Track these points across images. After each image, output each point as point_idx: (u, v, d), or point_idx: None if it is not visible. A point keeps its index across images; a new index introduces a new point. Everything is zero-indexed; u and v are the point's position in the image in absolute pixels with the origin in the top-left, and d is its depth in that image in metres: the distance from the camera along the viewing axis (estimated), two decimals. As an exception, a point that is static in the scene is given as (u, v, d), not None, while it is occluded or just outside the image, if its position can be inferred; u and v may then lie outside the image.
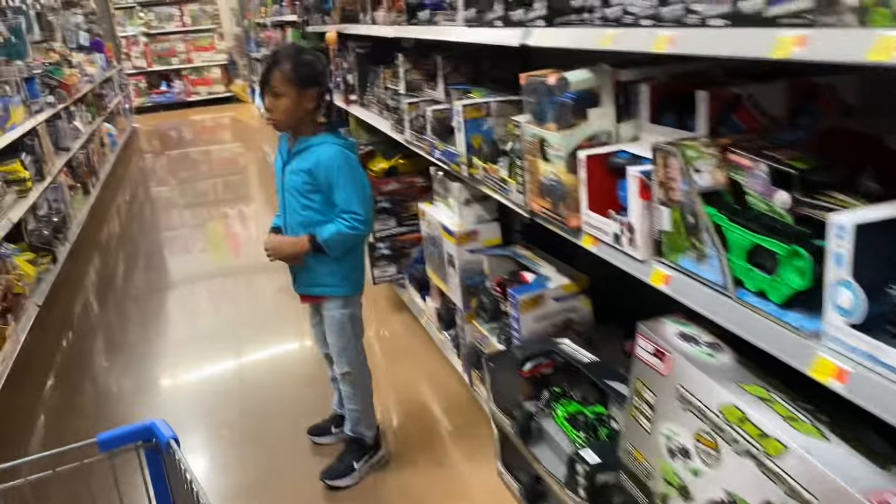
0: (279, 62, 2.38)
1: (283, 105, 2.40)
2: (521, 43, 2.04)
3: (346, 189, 2.44)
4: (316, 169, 2.44)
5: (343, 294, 2.63)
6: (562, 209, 1.90)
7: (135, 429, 1.36)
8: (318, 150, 2.46)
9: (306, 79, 2.40)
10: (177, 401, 3.68)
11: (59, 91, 6.47)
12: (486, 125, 2.53)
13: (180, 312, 4.89)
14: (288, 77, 2.38)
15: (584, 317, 2.50)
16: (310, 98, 2.43)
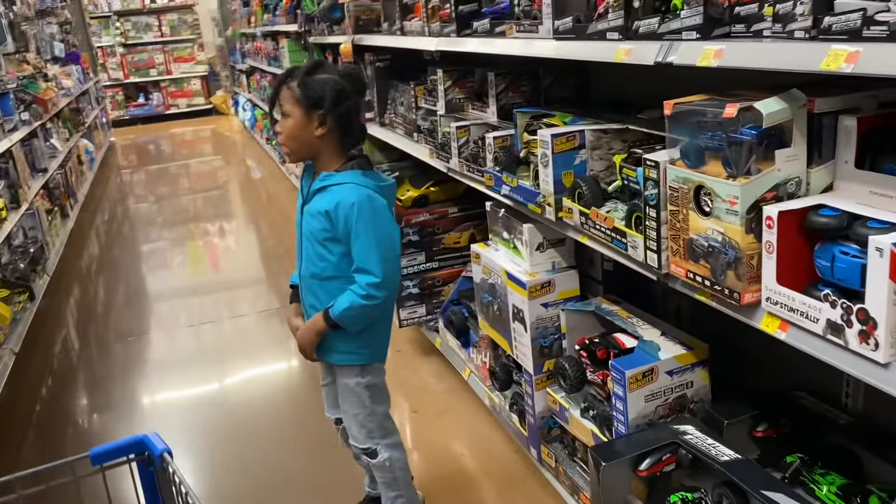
0: (290, 78, 2.08)
1: (288, 127, 2.07)
2: (657, 61, 1.59)
3: (365, 242, 2.02)
4: (335, 213, 2.03)
5: (360, 363, 2.21)
6: (729, 279, 1.44)
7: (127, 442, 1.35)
8: (340, 190, 2.05)
9: (312, 99, 2.04)
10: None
11: (35, 107, 5.91)
12: (579, 159, 2.08)
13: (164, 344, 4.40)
14: (294, 95, 2.05)
15: (702, 393, 2.05)
16: (317, 122, 2.05)
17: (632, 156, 1.89)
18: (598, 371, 2.18)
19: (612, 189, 1.97)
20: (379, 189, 2.08)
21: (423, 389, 3.53)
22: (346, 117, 2.07)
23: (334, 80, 2.05)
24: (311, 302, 2.18)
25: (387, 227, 2.07)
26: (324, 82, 2.04)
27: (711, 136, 1.44)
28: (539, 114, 2.40)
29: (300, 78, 2.04)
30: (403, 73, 3.89)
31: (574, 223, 2.04)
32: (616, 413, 2.02)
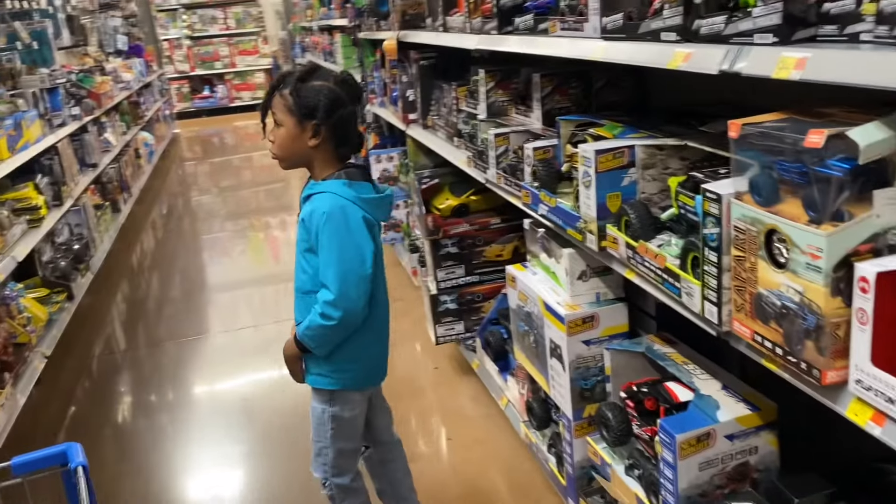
0: (281, 85, 1.97)
1: (280, 136, 1.98)
2: (721, 69, 1.28)
3: (327, 255, 1.91)
4: (309, 222, 1.95)
5: (328, 389, 2.08)
6: (808, 351, 1.13)
7: (50, 453, 1.37)
8: (318, 198, 1.96)
9: (306, 109, 1.94)
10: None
11: (87, 101, 5.88)
12: (628, 180, 1.77)
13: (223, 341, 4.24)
14: (287, 104, 1.95)
15: (769, 462, 1.73)
16: (310, 132, 1.95)
17: (691, 180, 1.58)
18: (646, 426, 1.87)
19: (666, 218, 1.66)
20: (360, 201, 1.95)
21: (459, 413, 3.27)
22: (340, 127, 1.96)
23: (328, 88, 1.93)
24: (296, 317, 2.09)
25: (355, 242, 1.92)
26: (317, 90, 1.93)
27: (789, 167, 1.13)
28: (585, 122, 2.10)
29: (292, 85, 1.93)
30: (449, 73, 3.62)
31: (619, 255, 1.73)
32: (664, 481, 1.71)
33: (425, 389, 3.53)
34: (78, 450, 1.35)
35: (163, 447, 3.29)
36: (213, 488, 2.97)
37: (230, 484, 2.96)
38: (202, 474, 3.08)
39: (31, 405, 3.56)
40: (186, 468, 3.13)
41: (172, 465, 3.15)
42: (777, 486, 1.68)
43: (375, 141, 5.44)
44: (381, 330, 2.13)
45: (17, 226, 3.93)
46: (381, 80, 4.73)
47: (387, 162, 4.93)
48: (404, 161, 4.56)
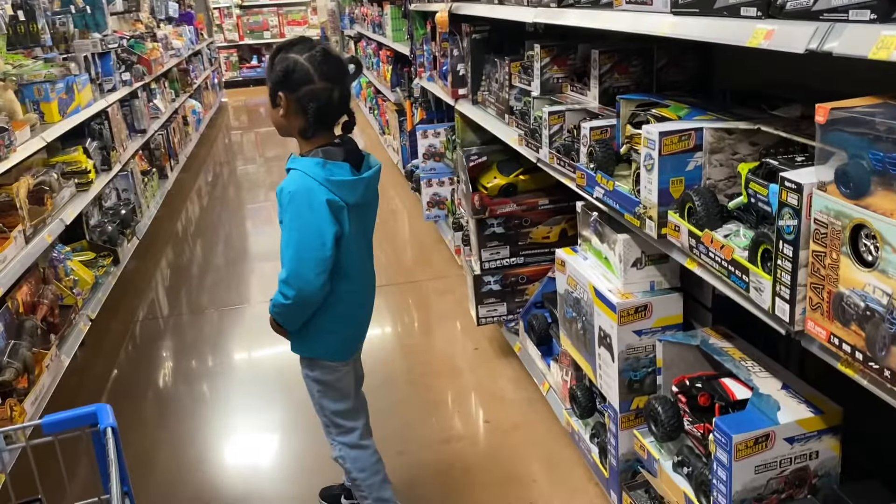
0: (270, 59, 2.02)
1: (270, 109, 2.04)
2: (808, 48, 1.18)
3: (287, 234, 1.95)
4: (279, 199, 1.98)
5: (306, 356, 2.17)
6: (893, 358, 1.04)
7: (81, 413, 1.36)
8: (289, 176, 1.99)
9: (275, 79, 1.97)
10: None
11: (138, 67, 5.91)
12: (694, 164, 1.67)
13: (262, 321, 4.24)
14: (269, 77, 2.00)
15: (830, 467, 1.64)
16: (282, 104, 1.97)
17: (764, 167, 1.48)
18: (699, 422, 1.79)
19: (734, 206, 1.56)
20: (329, 182, 1.92)
21: (498, 397, 3.22)
22: (309, 102, 1.93)
23: (294, 61, 1.93)
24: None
25: (315, 224, 1.91)
26: (285, 61, 1.95)
27: (883, 156, 1.03)
28: (648, 102, 2.00)
29: (272, 58, 1.98)
30: (502, 47, 3.52)
31: (681, 244, 1.64)
32: (717, 482, 1.64)
33: (463, 370, 3.48)
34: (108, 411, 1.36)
35: (202, 415, 3.31)
36: (249, 458, 2.97)
37: (265, 454, 2.96)
38: (238, 444, 3.09)
39: (76, 367, 3.61)
40: (223, 437, 3.15)
41: (209, 433, 3.16)
42: (837, 494, 1.59)
43: (422, 115, 5.37)
44: (355, 307, 2.15)
45: (66, 189, 3.97)
46: (430, 53, 4.64)
47: (433, 137, 4.86)
48: (451, 137, 4.49)
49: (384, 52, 7.20)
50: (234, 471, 2.92)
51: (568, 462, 2.68)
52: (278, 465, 2.90)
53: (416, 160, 5.19)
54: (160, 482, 2.82)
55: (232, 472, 2.92)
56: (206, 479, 2.82)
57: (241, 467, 2.94)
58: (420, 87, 5.25)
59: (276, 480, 2.80)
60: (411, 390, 3.32)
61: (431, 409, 3.14)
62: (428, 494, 2.52)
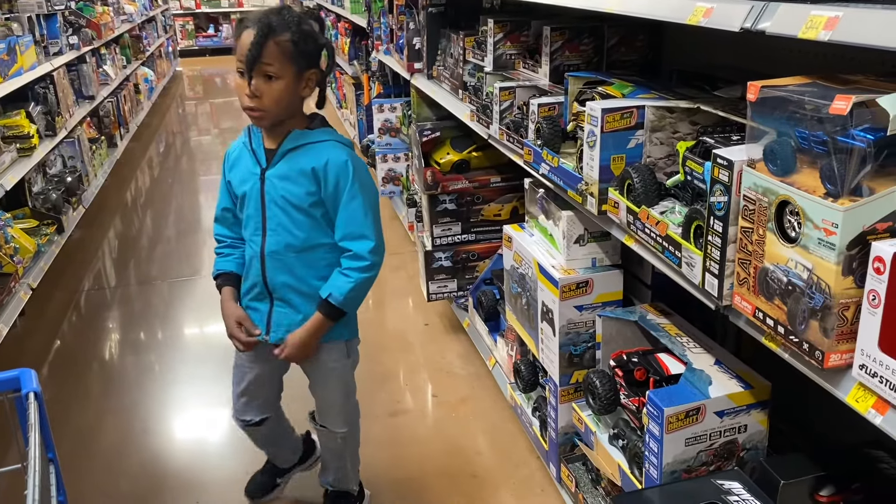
0: (275, 31, 1.72)
1: (276, 90, 1.76)
2: (744, 27, 1.19)
3: (360, 207, 1.84)
4: (323, 172, 1.82)
5: (347, 339, 2.06)
6: (811, 331, 1.07)
7: (2, 378, 1.35)
8: (324, 148, 1.85)
9: (310, 56, 1.79)
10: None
11: (86, 31, 5.73)
12: (635, 142, 1.69)
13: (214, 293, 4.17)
14: (288, 52, 1.74)
15: (757, 441, 1.69)
16: (310, 82, 1.83)
17: (701, 145, 1.50)
18: (634, 396, 1.83)
19: (672, 184, 1.59)
20: (352, 147, 1.91)
21: (447, 371, 3.24)
22: (327, 75, 1.87)
23: (322, 35, 1.83)
24: (285, 281, 1.93)
25: (375, 189, 1.91)
26: (316, 35, 1.80)
27: (809, 135, 1.05)
28: (595, 80, 2.01)
29: (293, 30, 1.73)
30: (458, 22, 3.50)
31: (619, 220, 1.66)
32: (649, 453, 1.68)
33: (414, 345, 3.49)
34: (31, 375, 1.33)
35: (149, 386, 3.26)
36: (197, 430, 2.95)
37: (211, 427, 2.94)
38: (186, 415, 3.06)
39: (16, 336, 3.53)
40: (171, 408, 3.11)
41: (157, 404, 3.12)
42: (764, 467, 1.63)
43: (379, 90, 5.32)
44: None
45: (7, 153, 3.85)
46: (387, 26, 4.59)
47: (389, 112, 4.82)
48: (407, 112, 4.46)
49: (342, 25, 7.09)
50: (179, 443, 2.89)
51: (511, 435, 2.72)
52: (224, 438, 2.87)
53: (372, 135, 5.15)
54: (104, 452, 2.78)
55: (177, 444, 2.89)
56: (151, 450, 2.79)
57: (187, 440, 2.91)
58: (378, 61, 5.19)
59: (222, 454, 2.78)
60: (361, 364, 3.27)
61: (381, 382, 3.15)
62: (374, 466, 2.53)
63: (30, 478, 1.08)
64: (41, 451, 1.17)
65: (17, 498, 1.19)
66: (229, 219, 2.03)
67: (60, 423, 2.91)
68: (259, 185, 1.88)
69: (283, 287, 1.93)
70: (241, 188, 1.93)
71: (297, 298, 1.94)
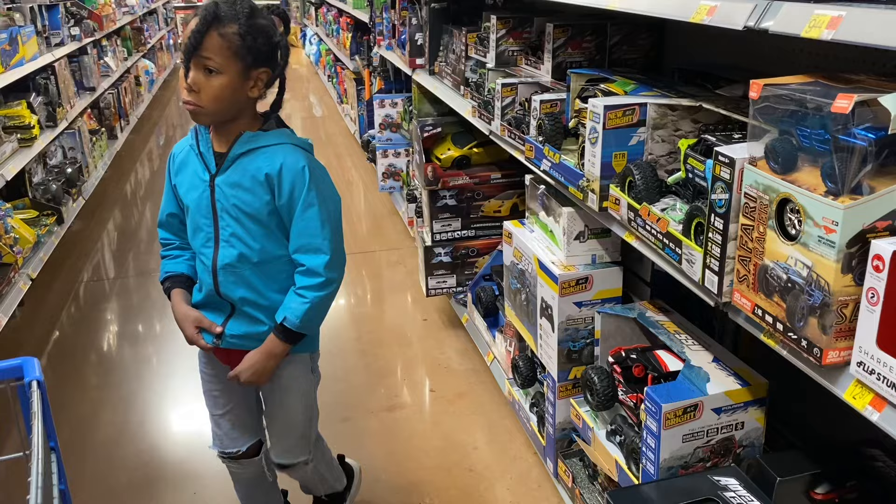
0: (220, 21, 1.56)
1: (216, 86, 1.59)
2: (747, 25, 1.20)
3: (317, 217, 1.68)
4: (278, 178, 1.67)
5: (312, 351, 1.92)
6: (810, 328, 1.08)
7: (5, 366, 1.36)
8: (278, 151, 1.69)
9: (259, 53, 1.62)
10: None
11: (88, 22, 5.72)
12: (636, 139, 1.70)
13: None
14: (233, 46, 1.57)
15: (754, 438, 1.70)
16: (258, 81, 1.66)
17: (702, 143, 1.51)
18: (633, 392, 1.84)
19: (673, 181, 1.60)
20: (309, 150, 1.76)
21: (445, 366, 3.24)
22: (281, 73, 1.71)
23: (274, 31, 1.64)
24: (243, 295, 1.77)
25: (335, 197, 1.74)
26: (269, 31, 1.62)
27: (810, 133, 1.06)
28: (598, 77, 2.02)
29: (241, 23, 1.56)
30: (461, 18, 3.50)
31: (620, 217, 1.67)
32: (646, 449, 1.69)
33: (412, 340, 3.50)
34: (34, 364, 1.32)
35: (146, 377, 3.27)
36: (194, 422, 2.95)
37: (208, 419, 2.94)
38: (183, 408, 3.06)
39: (15, 326, 3.54)
40: (168, 400, 3.12)
41: (155, 396, 3.13)
42: (760, 464, 1.65)
43: (381, 85, 5.32)
44: None
45: (8, 143, 3.84)
46: (390, 21, 4.59)
47: (390, 107, 4.82)
48: (408, 108, 4.46)
49: (344, 20, 7.09)
50: (176, 435, 2.90)
51: (508, 431, 2.73)
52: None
53: (373, 130, 5.15)
54: (102, 442, 2.79)
55: (174, 435, 2.90)
56: (149, 441, 2.80)
57: (183, 431, 2.92)
58: (379, 56, 5.19)
59: (218, 444, 2.78)
60: (360, 359, 3.33)
61: (379, 377, 3.16)
62: (371, 460, 2.54)
63: (33, 465, 1.08)
64: (43, 439, 1.17)
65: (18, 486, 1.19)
66: (175, 224, 1.87)
67: (58, 413, 2.90)
68: (209, 192, 1.71)
69: (242, 301, 1.77)
70: (188, 196, 1.75)
71: (258, 312, 1.78)
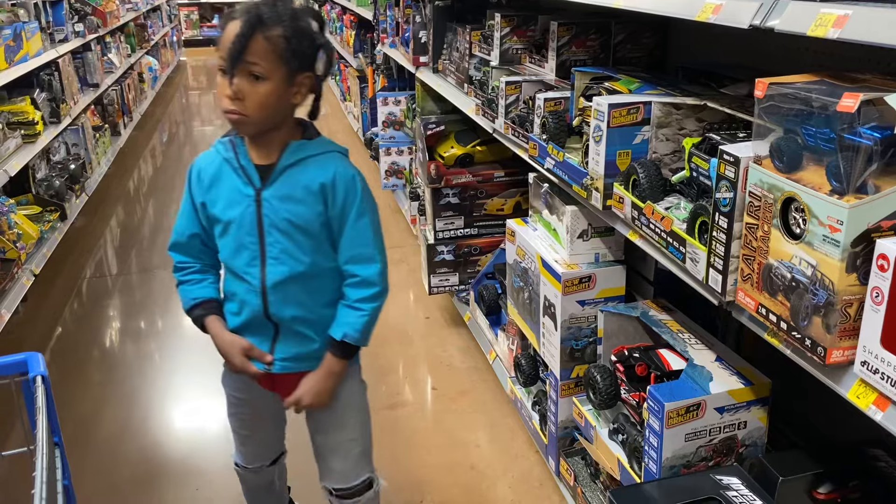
0: (264, 24, 1.46)
1: (262, 93, 1.49)
2: (752, 24, 1.20)
3: (369, 226, 1.63)
4: (332, 188, 1.59)
5: (358, 362, 1.85)
6: (814, 327, 1.08)
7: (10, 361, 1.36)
8: (328, 160, 1.61)
9: (304, 57, 1.53)
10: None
11: (92, 18, 5.73)
12: (641, 138, 1.70)
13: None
14: (278, 50, 1.47)
15: (756, 437, 1.70)
16: (302, 86, 1.56)
17: (707, 141, 1.51)
18: (635, 391, 1.84)
19: (677, 180, 1.59)
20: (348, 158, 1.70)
21: (447, 364, 3.25)
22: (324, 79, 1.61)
23: (319, 34, 1.55)
24: (294, 314, 1.68)
25: (376, 205, 1.69)
26: (311, 34, 1.53)
27: (816, 132, 1.06)
28: (602, 76, 2.01)
29: (285, 25, 1.47)
30: (465, 16, 3.50)
31: (624, 216, 1.67)
32: (648, 448, 1.69)
33: (414, 338, 3.50)
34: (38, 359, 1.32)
35: (149, 374, 3.27)
36: (196, 418, 2.96)
37: (211, 416, 2.95)
38: (186, 404, 3.07)
39: (18, 322, 3.54)
40: (171, 397, 3.12)
41: (157, 392, 3.13)
42: (763, 463, 1.65)
43: (384, 83, 5.32)
44: None
45: (11, 140, 3.85)
46: (393, 19, 4.59)
47: (393, 105, 4.82)
48: (412, 105, 4.46)
49: (348, 17, 7.09)
50: (179, 431, 2.91)
51: (510, 429, 2.73)
52: (223, 427, 2.88)
53: (376, 128, 5.15)
54: (105, 438, 2.79)
55: (177, 431, 2.90)
56: (151, 437, 2.81)
57: (186, 428, 2.92)
58: (383, 54, 5.19)
59: (221, 442, 2.78)
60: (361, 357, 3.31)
61: (380, 375, 3.16)
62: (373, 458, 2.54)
63: (38, 460, 1.09)
64: (48, 434, 1.17)
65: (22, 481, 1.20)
66: (197, 246, 1.74)
67: (62, 410, 2.88)
68: (254, 208, 1.60)
69: (292, 320, 1.68)
70: (227, 213, 1.64)
71: (308, 329, 1.70)
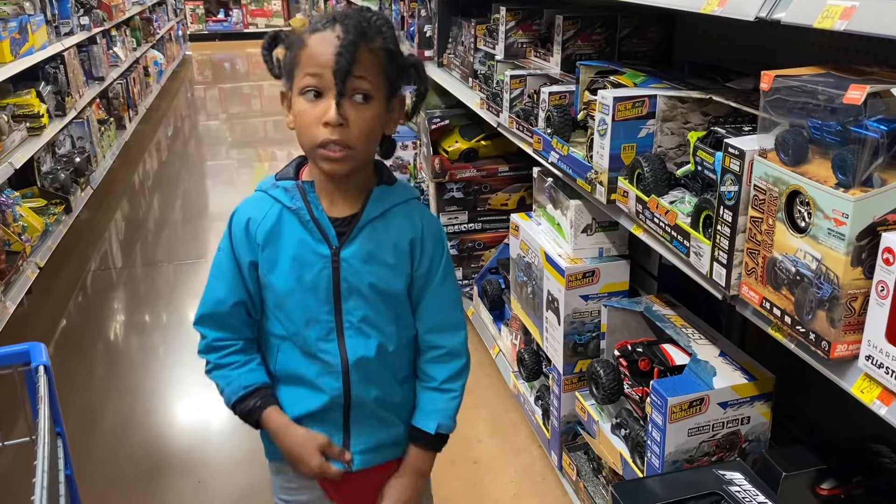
0: (366, 34, 1.18)
1: (368, 118, 1.20)
2: (759, 16, 1.19)
3: (454, 285, 1.39)
4: (420, 246, 1.32)
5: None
6: (818, 321, 1.07)
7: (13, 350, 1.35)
8: (413, 210, 1.34)
9: (402, 75, 1.26)
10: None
11: (97, 12, 5.73)
12: (645, 131, 1.69)
13: None
14: (382, 64, 1.21)
15: (760, 433, 1.69)
16: (397, 112, 1.29)
17: (712, 135, 1.50)
18: (638, 386, 1.83)
19: (682, 174, 1.59)
20: None
21: (450, 360, 3.24)
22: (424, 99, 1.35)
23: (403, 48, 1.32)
24: (377, 394, 1.38)
25: None
26: (400, 49, 1.27)
27: (821, 125, 1.05)
28: (607, 69, 2.01)
29: (385, 35, 1.21)
30: (471, 10, 3.49)
31: (628, 210, 1.67)
32: (651, 443, 1.68)
33: (418, 333, 3.50)
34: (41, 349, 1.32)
35: (152, 367, 3.28)
36: (199, 412, 2.96)
37: (215, 409, 2.95)
38: (190, 398, 3.07)
39: (22, 314, 3.55)
40: (174, 390, 3.13)
41: (161, 385, 3.14)
42: (765, 458, 1.64)
43: (388, 77, 5.31)
44: None
45: (17, 132, 3.85)
46: (399, 13, 4.58)
47: (398, 100, 4.80)
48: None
49: (354, 12, 7.07)
50: (182, 424, 2.91)
51: (513, 423, 2.73)
52: (226, 420, 2.89)
53: (381, 122, 5.14)
54: (108, 430, 2.80)
55: (180, 424, 2.91)
56: (155, 430, 2.81)
57: (189, 421, 2.93)
58: (387, 49, 5.18)
59: (224, 436, 2.79)
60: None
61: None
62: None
63: (39, 449, 1.09)
64: (50, 424, 1.18)
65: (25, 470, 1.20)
66: (240, 317, 1.42)
67: (65, 402, 2.90)
68: (330, 271, 1.30)
69: (372, 403, 1.38)
70: (292, 277, 1.31)
71: (389, 413, 1.41)
